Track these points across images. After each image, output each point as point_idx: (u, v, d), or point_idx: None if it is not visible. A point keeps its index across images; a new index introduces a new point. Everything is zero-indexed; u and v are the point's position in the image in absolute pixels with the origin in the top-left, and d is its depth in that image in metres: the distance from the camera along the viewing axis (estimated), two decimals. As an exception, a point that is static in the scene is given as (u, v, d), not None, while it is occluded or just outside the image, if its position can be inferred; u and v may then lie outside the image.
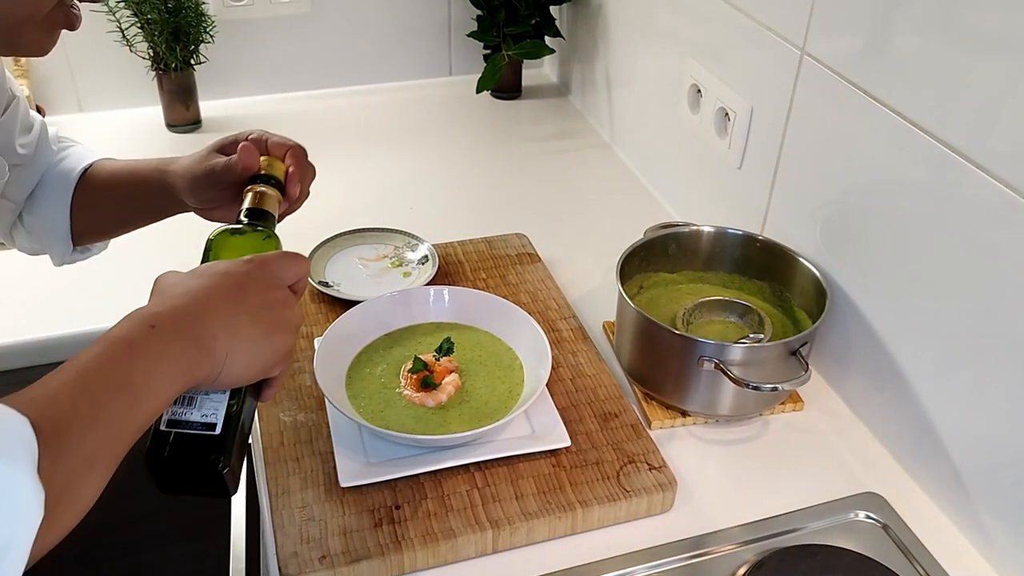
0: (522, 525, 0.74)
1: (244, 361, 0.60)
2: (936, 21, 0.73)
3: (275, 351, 0.62)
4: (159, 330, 0.55)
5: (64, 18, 0.68)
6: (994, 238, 0.70)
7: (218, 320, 0.58)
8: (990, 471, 0.74)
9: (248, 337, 0.60)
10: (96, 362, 0.52)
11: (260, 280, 0.63)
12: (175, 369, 0.55)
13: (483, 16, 1.41)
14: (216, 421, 0.60)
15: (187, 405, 0.60)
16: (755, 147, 1.00)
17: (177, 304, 0.58)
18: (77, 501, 0.48)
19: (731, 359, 0.80)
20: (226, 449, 0.59)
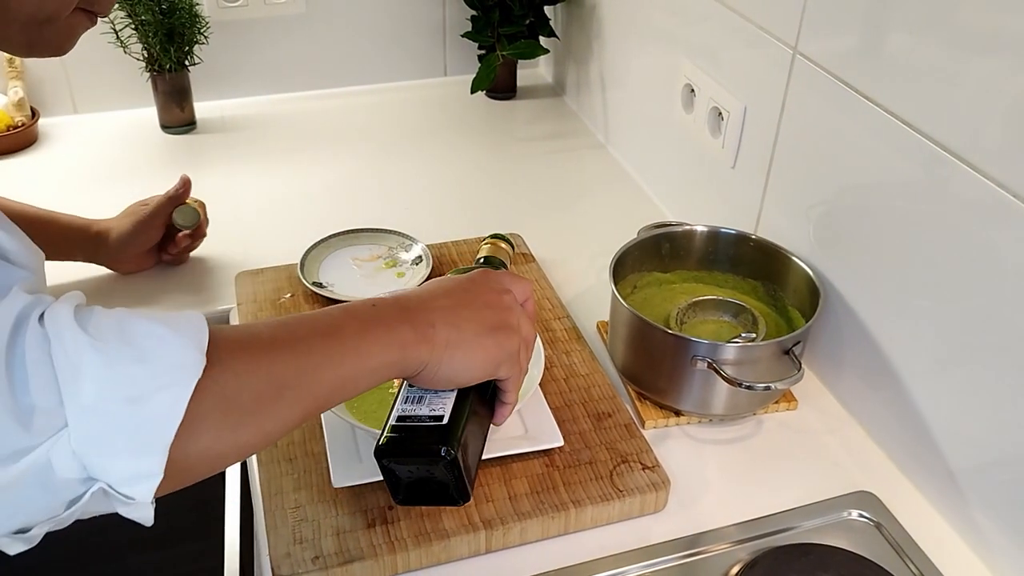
0: (515, 525, 0.74)
1: (466, 355, 0.61)
2: (927, 20, 0.73)
3: (500, 348, 0.62)
4: (379, 307, 0.59)
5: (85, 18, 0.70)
6: (986, 236, 0.70)
7: (439, 311, 0.61)
8: (983, 469, 0.74)
9: (470, 331, 0.61)
10: (308, 315, 0.57)
11: (486, 284, 0.65)
12: (388, 338, 0.57)
13: (478, 16, 1.41)
14: (443, 413, 0.61)
15: (416, 403, 0.62)
16: (748, 146, 1.00)
17: (402, 295, 0.62)
18: (264, 423, 0.51)
19: (724, 358, 0.80)
20: (452, 438, 0.60)
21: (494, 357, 0.62)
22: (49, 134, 1.37)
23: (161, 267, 1.07)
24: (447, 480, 0.61)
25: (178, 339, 0.48)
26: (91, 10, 0.69)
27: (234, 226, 1.16)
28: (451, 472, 0.60)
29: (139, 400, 0.45)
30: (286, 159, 1.33)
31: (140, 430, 0.45)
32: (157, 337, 0.47)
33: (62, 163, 1.31)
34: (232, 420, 0.49)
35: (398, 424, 0.61)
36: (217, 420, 0.49)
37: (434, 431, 0.60)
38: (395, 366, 0.58)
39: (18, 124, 1.32)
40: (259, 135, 1.40)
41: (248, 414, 0.50)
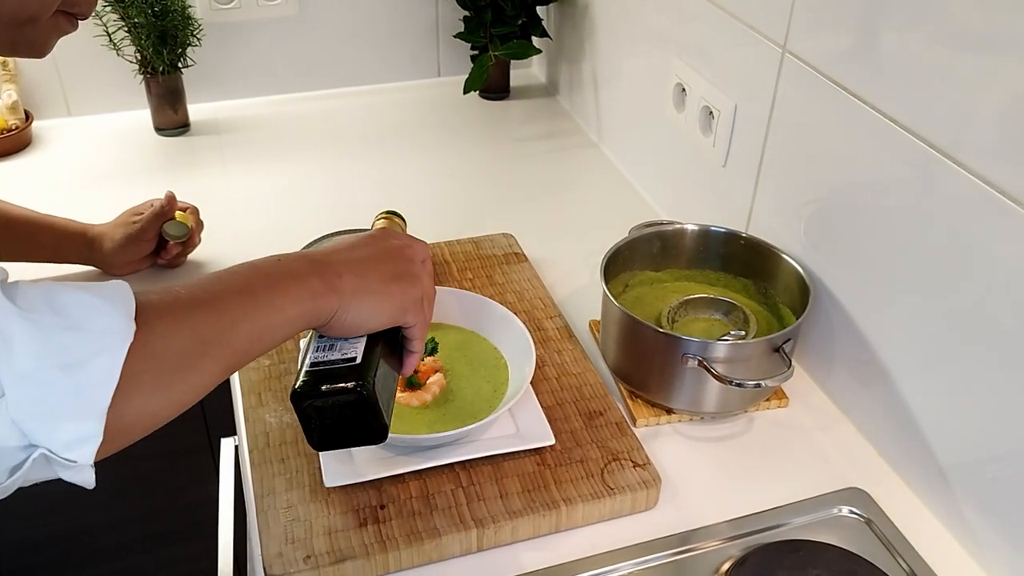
0: (506, 524, 0.74)
1: (372, 301, 0.63)
2: (916, 19, 0.73)
3: (404, 295, 0.65)
4: (284, 260, 0.62)
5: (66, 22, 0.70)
6: (975, 234, 0.70)
7: (345, 262, 0.63)
8: (973, 466, 0.75)
9: (375, 279, 0.63)
10: (221, 274, 0.59)
11: (387, 238, 0.68)
12: (297, 290, 0.59)
13: (470, 17, 1.41)
14: (355, 356, 0.62)
15: (328, 350, 0.63)
16: (739, 145, 1.01)
17: (307, 251, 0.65)
18: (192, 379, 0.54)
19: (714, 356, 0.81)
20: (367, 373, 0.61)
21: (399, 303, 0.64)
22: (43, 137, 1.38)
23: (155, 269, 1.07)
24: (365, 414, 0.62)
25: (107, 306, 0.49)
26: (72, 12, 0.70)
27: (228, 228, 1.16)
28: (368, 405, 0.61)
29: (74, 366, 0.47)
30: (280, 160, 1.34)
31: (78, 395, 0.47)
32: (86, 305, 0.49)
33: (56, 166, 1.31)
34: (163, 379, 0.52)
35: (312, 369, 0.62)
36: (149, 380, 0.51)
37: (349, 369, 0.61)
38: (307, 315, 0.60)
39: (12, 127, 1.33)
40: (252, 137, 1.40)
41: (177, 372, 0.52)
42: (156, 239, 1.04)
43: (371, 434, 0.63)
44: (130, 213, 1.05)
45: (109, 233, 1.04)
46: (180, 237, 1.03)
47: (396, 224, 0.82)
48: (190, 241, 1.06)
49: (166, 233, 1.03)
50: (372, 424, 0.62)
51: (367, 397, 0.61)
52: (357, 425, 0.62)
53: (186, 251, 1.07)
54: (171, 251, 1.05)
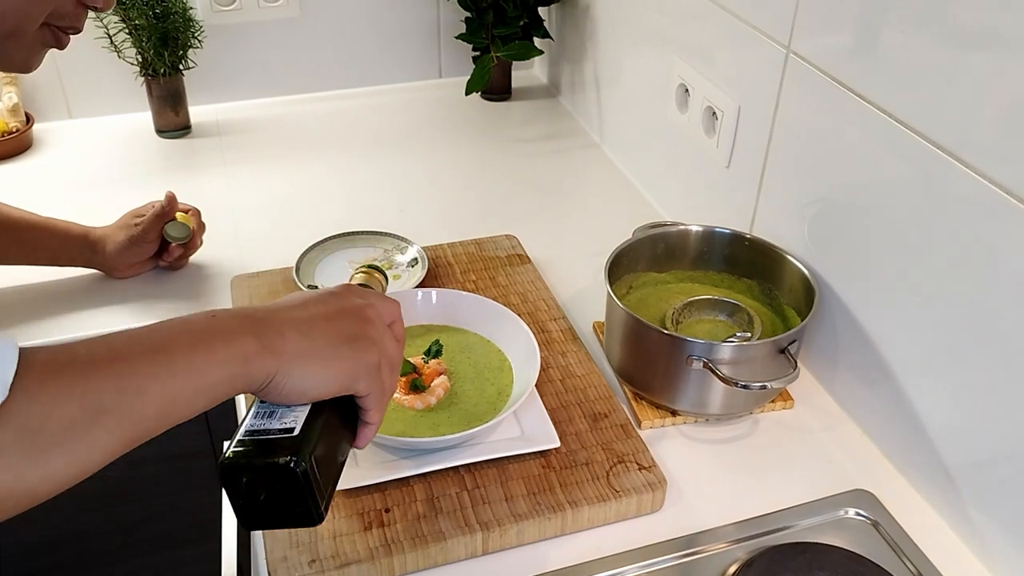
0: (512, 527, 0.74)
1: (318, 365, 0.56)
2: (920, 18, 0.73)
3: (356, 360, 0.58)
4: (219, 317, 0.54)
5: (52, 37, 0.69)
6: (980, 233, 0.70)
7: (291, 320, 0.57)
8: (979, 467, 0.74)
9: (323, 340, 0.57)
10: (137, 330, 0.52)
11: (345, 295, 0.61)
12: (226, 353, 0.52)
13: (471, 18, 1.41)
14: (295, 426, 0.55)
15: (267, 417, 0.57)
16: (743, 146, 1.00)
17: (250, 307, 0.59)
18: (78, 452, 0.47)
19: (720, 358, 0.81)
20: (303, 448, 0.54)
21: (349, 368, 0.57)
22: (44, 139, 1.37)
23: (158, 271, 1.07)
24: (298, 495, 0.55)
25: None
26: (61, 27, 0.69)
27: (230, 230, 1.16)
28: (301, 485, 0.54)
29: None
30: (281, 162, 1.33)
31: None
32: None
33: (57, 168, 1.31)
34: (37, 452, 0.45)
35: (245, 438, 0.55)
36: (19, 454, 0.45)
37: (284, 442, 0.54)
38: (236, 380, 0.53)
39: (13, 130, 1.32)
40: (254, 138, 1.40)
41: (57, 444, 0.46)
42: (158, 241, 1.03)
43: (305, 516, 0.56)
44: (132, 215, 1.05)
45: (111, 235, 1.03)
46: (182, 238, 1.03)
47: (375, 280, 0.75)
48: (192, 243, 1.06)
49: (167, 234, 1.03)
50: (306, 505, 0.55)
51: (299, 475, 0.54)
52: (290, 504, 0.55)
53: (188, 253, 1.07)
54: (173, 253, 1.05)
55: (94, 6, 0.69)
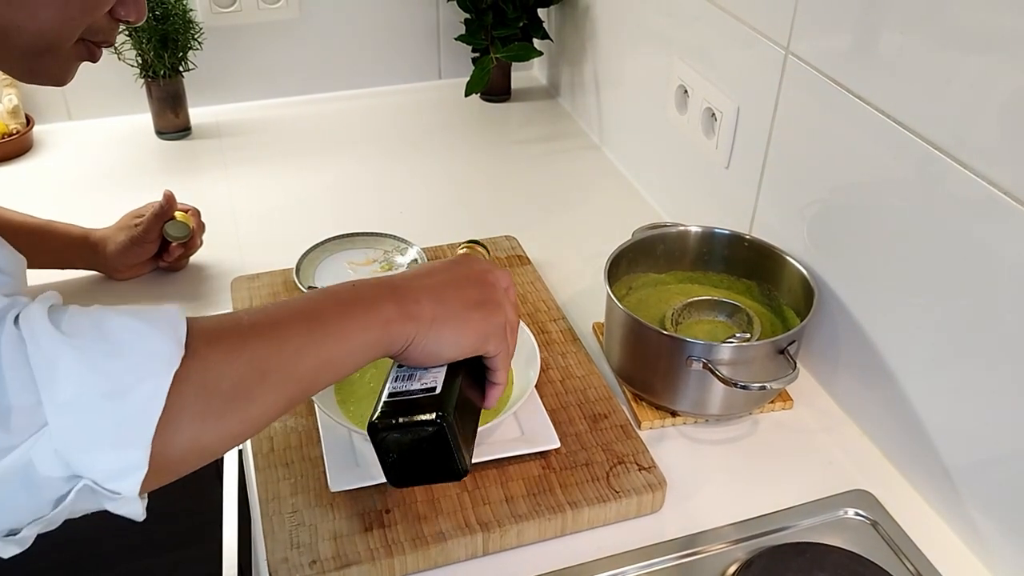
0: (512, 527, 0.74)
1: (453, 329, 0.60)
2: (918, 20, 0.73)
3: (486, 322, 0.62)
4: (359, 287, 0.59)
5: (87, 51, 0.70)
6: (979, 234, 0.70)
7: (424, 288, 0.61)
8: (978, 467, 0.74)
9: (456, 305, 0.61)
10: (289, 300, 0.57)
11: (468, 264, 0.66)
12: (369, 317, 0.57)
13: (471, 19, 1.41)
14: (436, 386, 0.59)
15: (407, 380, 0.60)
16: (742, 147, 1.01)
17: (385, 276, 0.62)
18: (248, 409, 0.51)
19: (719, 359, 0.81)
20: (447, 405, 0.58)
21: (481, 331, 0.62)
22: (44, 141, 1.37)
23: (158, 273, 1.07)
24: (444, 450, 0.59)
25: (154, 331, 0.48)
26: (95, 42, 0.70)
27: (229, 231, 1.16)
28: (448, 440, 0.58)
29: (117, 394, 0.45)
30: (280, 164, 1.34)
31: (121, 424, 0.45)
32: (132, 331, 0.47)
33: (57, 170, 1.31)
34: (215, 409, 0.49)
35: (390, 399, 0.59)
36: (200, 410, 0.48)
37: (428, 400, 0.59)
38: (379, 344, 0.57)
39: (13, 132, 1.32)
40: (253, 140, 1.40)
41: (230, 402, 0.50)
42: (159, 241, 1.04)
43: (450, 470, 0.60)
44: (131, 216, 1.05)
45: (111, 237, 1.04)
46: (182, 238, 1.03)
47: (478, 253, 0.79)
48: (192, 242, 1.06)
49: (167, 234, 1.03)
50: (451, 459, 0.59)
51: (446, 430, 0.58)
52: (435, 460, 0.59)
53: (188, 253, 1.07)
54: (173, 253, 1.05)
55: (127, 21, 0.70)
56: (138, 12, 0.70)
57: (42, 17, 0.64)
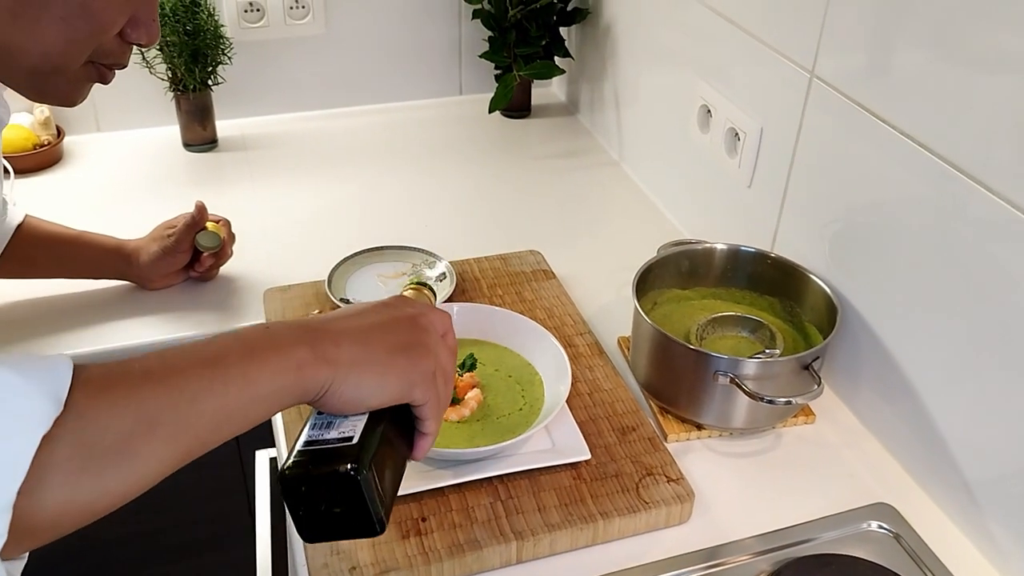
0: (545, 536, 0.76)
1: (375, 373, 0.56)
2: (941, 43, 0.76)
3: (412, 368, 0.58)
4: (273, 329, 0.55)
5: (96, 73, 0.70)
6: (998, 253, 0.73)
7: (346, 330, 0.57)
8: (999, 481, 0.76)
9: (379, 348, 0.57)
10: (191, 345, 0.52)
11: (399, 305, 0.62)
12: (280, 363, 0.53)
13: (495, 37, 1.44)
14: (354, 435, 0.55)
15: (325, 428, 0.57)
16: (765, 166, 1.03)
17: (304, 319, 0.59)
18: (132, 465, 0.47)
19: (745, 374, 0.83)
20: (364, 456, 0.54)
21: (406, 377, 0.57)
22: (74, 152, 1.40)
23: (189, 283, 1.09)
24: (359, 503, 0.55)
25: (29, 386, 0.44)
26: (105, 64, 0.70)
27: (256, 243, 1.18)
28: (363, 493, 0.54)
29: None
30: (305, 176, 1.36)
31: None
32: (4, 386, 0.44)
33: (87, 180, 1.34)
34: (93, 467, 0.45)
35: (304, 448, 0.55)
36: (74, 469, 0.45)
37: (344, 450, 0.55)
38: (291, 390, 0.53)
39: (44, 143, 1.35)
40: (279, 153, 1.43)
41: (112, 458, 0.46)
42: (191, 251, 1.06)
43: (367, 525, 0.56)
44: (163, 227, 1.07)
45: (144, 247, 1.06)
46: (213, 248, 1.05)
47: (423, 296, 0.76)
48: (223, 252, 1.08)
49: (199, 244, 1.05)
50: (367, 513, 0.55)
51: (360, 483, 0.54)
52: (351, 514, 0.55)
53: (219, 263, 1.09)
54: (204, 263, 1.07)
55: (139, 43, 0.69)
56: (150, 35, 0.69)
57: (46, 39, 0.64)
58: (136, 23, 0.68)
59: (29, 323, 1.02)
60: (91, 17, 0.64)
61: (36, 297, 1.06)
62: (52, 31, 0.63)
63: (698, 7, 1.11)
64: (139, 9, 0.68)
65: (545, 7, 1.41)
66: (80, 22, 0.64)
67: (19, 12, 0.62)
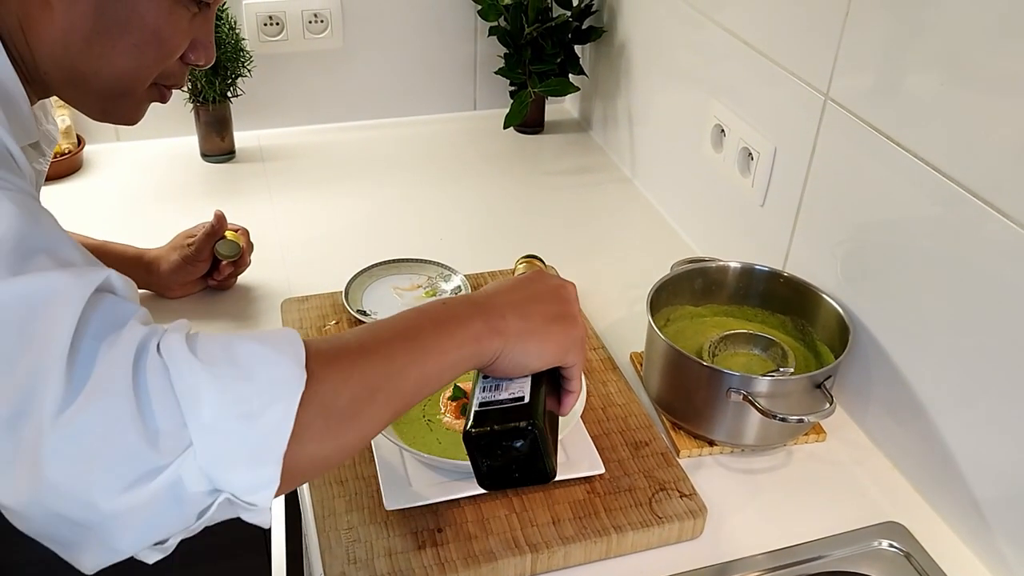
0: (559, 549, 0.77)
1: (536, 342, 0.65)
2: (955, 67, 0.77)
3: (566, 335, 0.66)
4: (449, 304, 0.64)
5: (158, 94, 0.74)
6: (1009, 275, 0.74)
7: (508, 304, 0.65)
8: (1009, 500, 0.77)
9: (538, 320, 0.65)
10: (388, 321, 0.62)
11: (544, 280, 0.70)
12: (461, 334, 0.61)
13: (510, 54, 1.46)
14: (523, 395, 0.64)
15: (494, 390, 0.65)
16: (778, 186, 1.04)
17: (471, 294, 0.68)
18: (361, 425, 0.56)
19: (758, 391, 0.84)
20: (536, 412, 0.62)
21: (562, 343, 0.66)
22: (94, 161, 1.42)
23: (208, 292, 1.11)
24: (535, 454, 0.63)
25: (280, 357, 0.52)
26: (166, 85, 0.74)
27: (273, 253, 1.19)
28: (539, 445, 0.63)
29: (252, 416, 0.49)
30: (322, 188, 1.38)
31: (257, 444, 0.50)
32: (260, 356, 0.51)
33: (106, 189, 1.36)
34: (334, 425, 0.54)
35: (481, 409, 0.64)
36: (321, 427, 0.53)
37: (518, 409, 0.63)
38: (472, 358, 0.62)
39: (65, 151, 1.37)
40: (295, 164, 1.44)
41: (347, 418, 0.54)
42: (210, 260, 1.07)
43: (539, 473, 0.65)
44: (183, 236, 1.09)
45: (165, 256, 1.07)
46: (232, 256, 1.07)
47: (537, 266, 0.84)
48: (241, 261, 1.10)
49: (218, 252, 1.06)
50: (541, 462, 0.64)
51: (537, 436, 0.62)
52: (526, 464, 0.64)
53: (237, 272, 1.11)
54: (223, 271, 1.08)
55: (198, 64, 0.73)
56: (207, 56, 0.74)
57: (119, 64, 0.68)
58: (196, 46, 0.72)
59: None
60: (161, 43, 0.68)
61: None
62: (125, 57, 0.67)
63: (713, 28, 1.13)
64: (200, 33, 0.72)
65: (561, 25, 1.43)
66: (151, 48, 0.68)
67: (94, 40, 0.66)
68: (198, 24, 0.71)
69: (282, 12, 1.45)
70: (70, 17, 0.64)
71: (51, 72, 0.67)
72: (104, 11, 0.65)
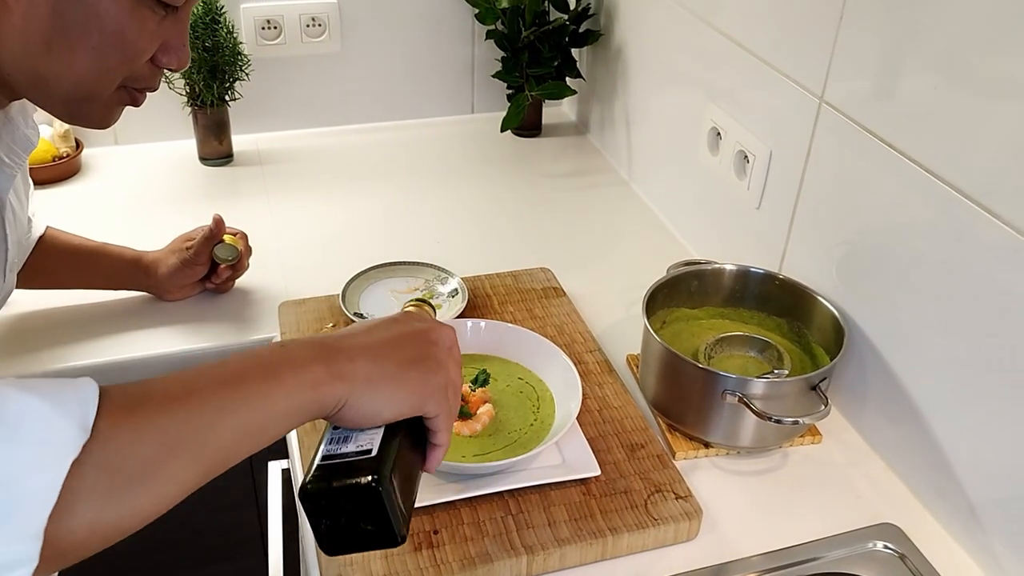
0: (555, 551, 0.77)
1: (389, 388, 0.58)
2: (950, 70, 0.77)
3: (424, 382, 0.59)
4: (288, 347, 0.57)
5: (128, 97, 0.72)
6: (1004, 278, 0.74)
7: (360, 346, 0.58)
8: (1003, 502, 0.77)
9: (392, 364, 0.58)
10: (211, 365, 0.54)
11: (408, 321, 0.63)
12: (294, 380, 0.54)
13: (507, 57, 1.46)
14: (372, 448, 0.57)
15: (342, 442, 0.58)
16: (774, 189, 1.05)
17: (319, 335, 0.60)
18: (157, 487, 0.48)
19: (753, 393, 0.84)
20: (383, 467, 0.55)
21: (419, 390, 0.59)
22: (92, 164, 1.42)
23: (207, 295, 1.11)
24: (381, 515, 0.56)
25: (56, 415, 0.45)
26: (137, 88, 0.72)
27: (270, 256, 1.20)
28: (384, 504, 0.55)
29: (9, 483, 0.43)
30: (319, 191, 1.38)
31: (11, 515, 0.43)
32: (34, 414, 0.44)
33: (104, 192, 1.36)
34: (119, 490, 0.47)
35: (323, 463, 0.56)
36: (101, 493, 0.46)
37: (363, 463, 0.56)
38: (309, 406, 0.55)
39: (63, 155, 1.37)
40: (293, 168, 1.45)
41: (137, 481, 0.47)
42: (208, 263, 1.08)
43: (388, 536, 0.57)
44: (182, 239, 1.09)
45: (163, 259, 1.08)
46: (230, 260, 1.07)
47: (425, 312, 0.77)
48: (239, 264, 1.10)
49: (216, 256, 1.07)
50: (388, 524, 0.56)
51: (382, 494, 0.55)
52: (373, 525, 0.56)
53: (235, 275, 1.11)
54: (221, 275, 1.09)
55: (170, 68, 0.71)
56: (180, 60, 0.71)
57: (80, 67, 0.66)
58: (167, 49, 0.70)
59: (48, 333, 1.04)
60: (124, 46, 0.66)
61: (55, 307, 1.07)
62: (86, 60, 0.65)
63: (709, 31, 1.13)
64: (170, 36, 0.70)
65: (558, 29, 1.43)
66: (113, 51, 0.66)
67: (54, 42, 0.64)
68: (168, 27, 0.69)
69: (280, 16, 1.45)
70: (28, 19, 0.62)
71: (13, 74, 0.66)
72: (63, 13, 0.63)
